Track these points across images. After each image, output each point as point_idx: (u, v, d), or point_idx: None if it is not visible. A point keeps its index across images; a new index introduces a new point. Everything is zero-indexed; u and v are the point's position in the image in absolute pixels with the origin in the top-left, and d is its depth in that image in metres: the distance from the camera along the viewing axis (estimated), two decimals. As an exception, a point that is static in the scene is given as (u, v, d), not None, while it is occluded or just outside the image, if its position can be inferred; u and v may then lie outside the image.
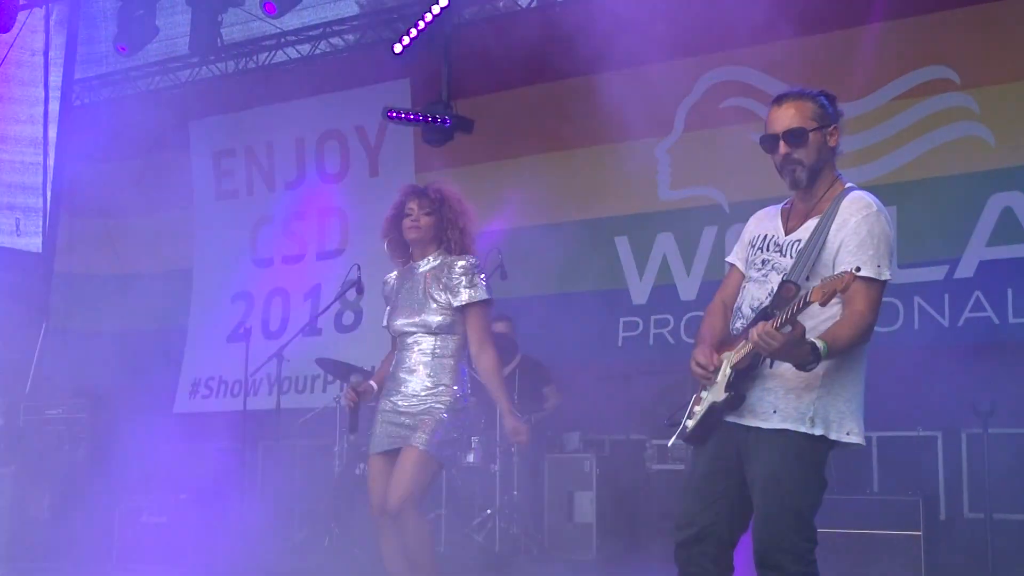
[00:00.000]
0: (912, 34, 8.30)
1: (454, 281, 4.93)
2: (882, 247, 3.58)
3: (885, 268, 3.57)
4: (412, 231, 5.01)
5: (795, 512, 3.55)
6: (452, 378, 4.90)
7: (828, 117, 3.70)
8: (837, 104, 3.76)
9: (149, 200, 11.71)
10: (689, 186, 9.07)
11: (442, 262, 5.00)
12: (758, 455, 3.59)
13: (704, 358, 3.70)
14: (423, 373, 4.89)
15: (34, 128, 12.17)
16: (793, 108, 3.70)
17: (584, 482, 7.77)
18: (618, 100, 9.22)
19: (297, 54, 11.21)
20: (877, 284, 3.55)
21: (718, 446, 3.71)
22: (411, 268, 5.07)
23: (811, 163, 3.68)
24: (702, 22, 8.68)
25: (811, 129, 3.67)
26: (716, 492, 3.69)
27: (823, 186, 3.71)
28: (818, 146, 3.68)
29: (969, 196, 7.95)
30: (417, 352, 4.93)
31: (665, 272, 9.05)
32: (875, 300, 3.54)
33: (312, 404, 9.35)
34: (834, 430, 3.56)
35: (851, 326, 3.50)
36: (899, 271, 7.84)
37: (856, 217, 3.60)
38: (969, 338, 7.74)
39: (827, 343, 3.43)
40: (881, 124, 8.32)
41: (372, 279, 9.01)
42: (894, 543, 6.56)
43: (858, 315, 3.49)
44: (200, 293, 11.62)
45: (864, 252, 3.55)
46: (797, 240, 3.68)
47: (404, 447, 4.81)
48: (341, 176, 10.93)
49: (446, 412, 4.84)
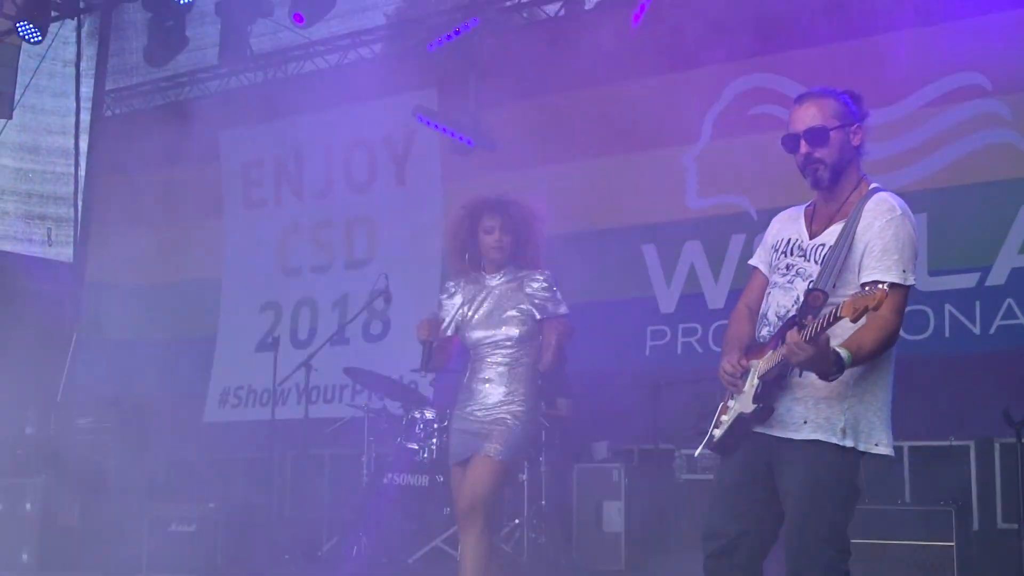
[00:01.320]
0: (943, 40, 8.21)
1: (536, 296, 5.01)
2: (907, 251, 3.54)
3: (910, 273, 3.54)
4: (495, 252, 5.06)
5: (828, 523, 3.51)
6: (527, 389, 5.00)
7: (851, 116, 3.65)
8: (862, 103, 3.70)
9: (179, 210, 11.77)
10: (717, 194, 9.02)
11: (515, 276, 5.07)
12: (790, 467, 3.55)
13: (731, 365, 3.67)
14: (499, 384, 4.98)
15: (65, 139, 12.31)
16: (815, 107, 3.66)
17: (613, 492, 7.73)
18: (645, 108, 9.21)
19: (325, 64, 11.25)
20: (902, 289, 3.50)
21: (747, 456, 3.67)
22: (481, 279, 5.12)
23: (833, 162, 3.63)
24: (729, 29, 8.64)
25: (832, 128, 3.62)
26: (746, 503, 3.65)
27: (847, 187, 3.66)
28: (840, 145, 3.63)
29: (1001, 203, 7.86)
30: (493, 364, 5.02)
31: (693, 280, 9.00)
32: (900, 305, 3.48)
33: (340, 413, 9.35)
34: (863, 441, 3.52)
35: (876, 332, 3.44)
36: (930, 279, 7.89)
37: (880, 221, 3.55)
38: (1001, 346, 7.65)
39: (851, 351, 3.39)
40: (912, 130, 8.24)
41: (399, 288, 9.06)
42: (927, 554, 6.49)
43: (883, 320, 3.43)
44: (229, 302, 11.65)
45: (888, 257, 3.51)
46: (822, 244, 3.63)
47: (475, 455, 4.90)
48: (369, 185, 10.95)
49: (518, 422, 4.92)
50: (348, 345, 10.29)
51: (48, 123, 12.48)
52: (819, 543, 3.50)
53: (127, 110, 12.41)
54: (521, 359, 5.01)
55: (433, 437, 7.47)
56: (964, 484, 7.55)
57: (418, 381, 9.07)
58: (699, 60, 9.02)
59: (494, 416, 4.93)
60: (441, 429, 7.46)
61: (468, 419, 5.01)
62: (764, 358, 3.59)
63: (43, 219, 12.77)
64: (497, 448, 4.86)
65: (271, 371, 8.76)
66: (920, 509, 6.73)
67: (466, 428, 5.00)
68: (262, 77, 11.60)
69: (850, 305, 3.26)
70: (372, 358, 9.65)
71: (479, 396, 5.00)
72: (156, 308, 11.71)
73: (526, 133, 9.47)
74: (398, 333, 10.33)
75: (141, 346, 11.52)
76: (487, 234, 5.05)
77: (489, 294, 5.08)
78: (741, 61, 8.94)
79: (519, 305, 5.01)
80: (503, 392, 4.95)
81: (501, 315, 5.03)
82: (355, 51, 11.08)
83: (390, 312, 10.03)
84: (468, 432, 4.98)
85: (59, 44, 11.74)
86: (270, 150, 11.46)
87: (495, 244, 5.04)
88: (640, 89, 9.25)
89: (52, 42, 11.09)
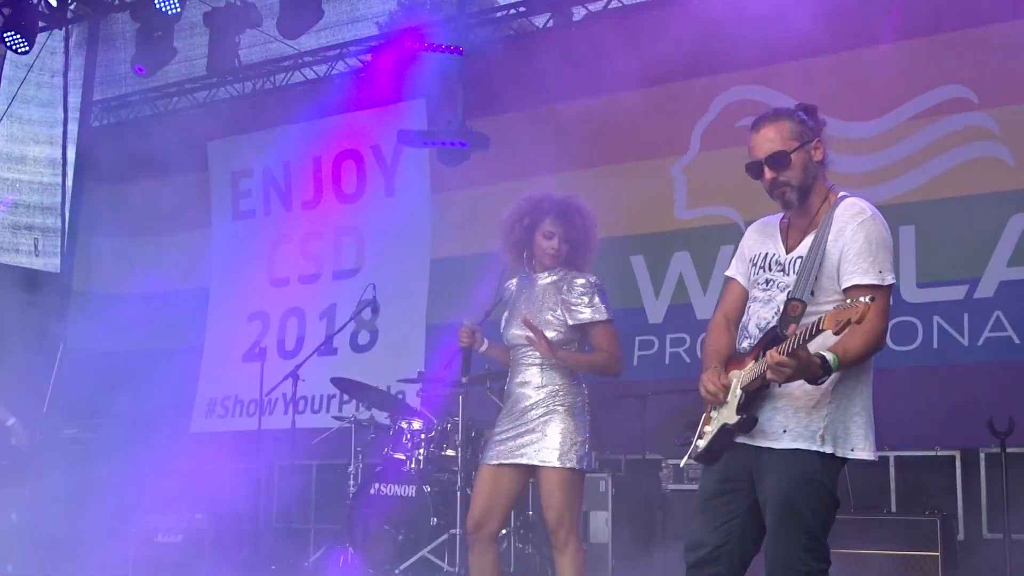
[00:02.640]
0: (930, 53, 8.27)
1: (574, 299, 4.96)
2: (881, 252, 3.54)
3: (887, 273, 3.54)
4: (549, 258, 5.03)
5: (807, 533, 3.52)
6: (564, 381, 4.94)
7: (808, 132, 3.66)
8: (817, 115, 3.71)
9: (167, 220, 11.76)
10: (705, 205, 9.05)
11: (562, 277, 5.03)
12: (769, 475, 3.56)
13: (713, 384, 3.67)
14: (535, 383, 4.94)
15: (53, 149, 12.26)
16: (772, 130, 3.67)
17: (599, 502, 7.73)
18: (634, 120, 9.24)
19: (314, 75, 11.27)
20: (882, 290, 3.51)
21: (728, 466, 3.68)
22: (531, 278, 5.10)
23: (799, 183, 3.65)
24: (718, 42, 8.68)
25: (792, 150, 3.63)
26: (727, 513, 3.67)
27: (817, 200, 3.68)
28: (803, 164, 3.64)
29: (989, 216, 7.90)
30: (529, 363, 4.98)
31: (681, 291, 9.02)
32: (883, 307, 3.49)
33: (327, 424, 9.33)
34: (841, 447, 3.53)
35: (862, 336, 3.45)
36: (918, 290, 7.93)
37: (852, 225, 3.56)
38: (988, 357, 7.68)
39: (837, 355, 3.41)
40: (899, 143, 8.28)
41: (387, 298, 9.06)
42: (912, 564, 6.51)
43: (868, 324, 3.42)
44: (216, 312, 11.64)
45: (864, 260, 3.52)
46: (799, 257, 3.65)
47: (541, 470, 4.83)
48: (357, 196, 10.95)
49: (563, 417, 4.86)
50: (336, 355, 10.28)
51: (35, 133, 12.44)
52: (798, 551, 3.51)
53: (115, 120, 12.41)
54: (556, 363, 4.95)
55: (420, 447, 7.46)
56: (949, 494, 7.59)
57: (405, 391, 9.08)
58: (687, 72, 9.07)
59: (536, 414, 4.88)
60: (428, 440, 7.46)
61: (506, 423, 4.97)
62: (746, 368, 3.60)
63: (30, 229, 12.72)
64: (555, 454, 4.80)
65: (258, 381, 8.75)
66: (905, 518, 6.76)
67: (507, 431, 4.95)
68: (250, 88, 11.62)
69: (833, 318, 3.27)
70: (360, 368, 9.63)
71: (517, 398, 4.97)
72: (143, 318, 11.68)
73: (514, 144, 9.48)
74: (385, 343, 10.34)
75: (127, 356, 11.49)
76: (546, 239, 5.02)
77: (533, 294, 5.07)
78: (729, 73, 8.98)
79: (555, 309, 4.98)
80: (541, 389, 4.91)
81: (540, 316, 4.98)
82: (343, 61, 11.10)
83: (378, 322, 10.04)
84: (509, 435, 4.93)
85: (46, 54, 11.72)
86: (258, 160, 11.46)
87: (552, 252, 5.03)
88: (628, 101, 9.27)
89: (39, 52, 11.07)
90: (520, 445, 4.89)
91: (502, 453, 4.94)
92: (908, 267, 8.00)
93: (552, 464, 4.82)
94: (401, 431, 7.59)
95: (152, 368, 11.38)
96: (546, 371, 4.95)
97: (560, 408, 4.90)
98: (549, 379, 4.94)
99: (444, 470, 7.34)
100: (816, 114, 3.72)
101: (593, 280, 5.02)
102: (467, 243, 9.81)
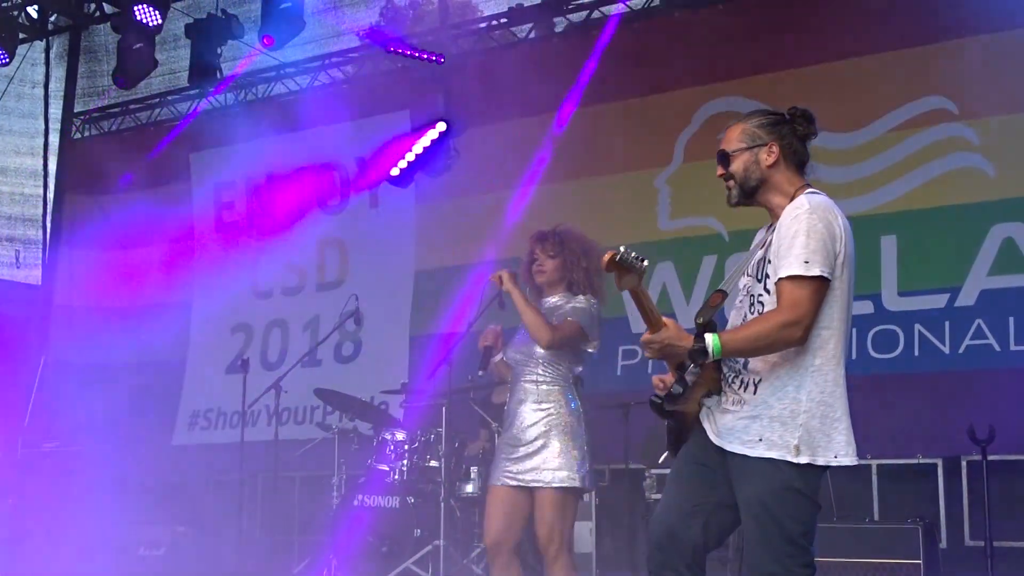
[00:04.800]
0: (910, 65, 8.33)
1: (561, 313, 5.12)
2: (812, 242, 3.47)
3: (815, 264, 3.45)
4: (539, 275, 5.26)
5: (788, 540, 3.52)
6: (559, 400, 5.06)
7: (762, 136, 3.72)
8: (781, 125, 3.74)
9: (149, 232, 11.73)
10: (688, 216, 9.08)
11: (565, 300, 5.19)
12: (747, 483, 3.57)
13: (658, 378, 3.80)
14: (531, 402, 5.06)
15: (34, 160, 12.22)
16: (730, 131, 3.80)
17: (583, 512, 7.70)
18: (617, 131, 9.26)
19: (296, 86, 11.27)
20: (804, 281, 3.46)
21: (704, 456, 3.70)
22: (541, 302, 5.26)
23: (740, 181, 3.74)
24: (700, 54, 8.72)
25: (734, 150, 3.73)
26: (695, 503, 3.69)
27: (779, 200, 3.69)
28: (746, 165, 3.72)
29: (969, 226, 7.96)
30: (524, 381, 5.13)
31: (664, 301, 9.03)
32: (798, 299, 3.45)
33: (311, 435, 9.32)
34: (820, 455, 3.53)
35: (758, 323, 3.51)
36: (900, 298, 7.96)
37: (787, 219, 3.57)
38: (970, 365, 7.73)
39: (721, 339, 3.47)
40: (880, 154, 8.34)
41: (370, 309, 9.05)
42: (894, 572, 6.51)
43: (771, 312, 3.48)
44: (199, 325, 11.61)
45: (790, 252, 3.49)
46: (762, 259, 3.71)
47: (537, 490, 4.95)
48: (341, 207, 10.95)
49: (558, 437, 4.98)
50: (319, 366, 10.26)
51: (16, 144, 12.41)
52: (782, 558, 3.51)
53: (97, 132, 12.38)
54: (547, 376, 5.08)
55: (403, 458, 7.44)
56: (932, 501, 7.62)
57: (388, 402, 9.06)
58: (670, 84, 9.10)
59: (532, 436, 5.00)
60: (411, 451, 7.45)
61: (507, 443, 5.10)
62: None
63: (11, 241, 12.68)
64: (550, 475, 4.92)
65: (241, 393, 8.73)
66: (888, 526, 6.77)
67: (509, 453, 5.07)
68: (232, 99, 11.61)
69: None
70: (343, 379, 9.63)
71: (515, 417, 5.09)
72: (125, 331, 11.63)
73: (498, 155, 9.51)
74: (369, 354, 10.33)
75: (109, 370, 11.44)
76: (533, 261, 5.27)
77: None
78: (712, 85, 9.02)
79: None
80: (536, 411, 5.04)
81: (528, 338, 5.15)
82: (326, 73, 11.10)
83: (361, 333, 10.03)
84: (511, 458, 5.04)
85: (27, 66, 11.68)
86: (241, 172, 11.45)
87: (537, 269, 5.25)
88: (612, 112, 9.31)
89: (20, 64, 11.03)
90: (520, 467, 5.01)
91: (505, 474, 5.07)
92: (890, 276, 8.05)
93: (546, 485, 4.93)
94: (384, 442, 7.57)
95: (134, 381, 11.36)
96: (541, 390, 5.07)
97: (555, 428, 5.00)
98: (544, 398, 5.06)
99: (427, 481, 7.32)
100: (780, 124, 3.74)
101: (591, 303, 5.17)
102: (451, 254, 9.82)
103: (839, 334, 3.56)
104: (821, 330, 3.52)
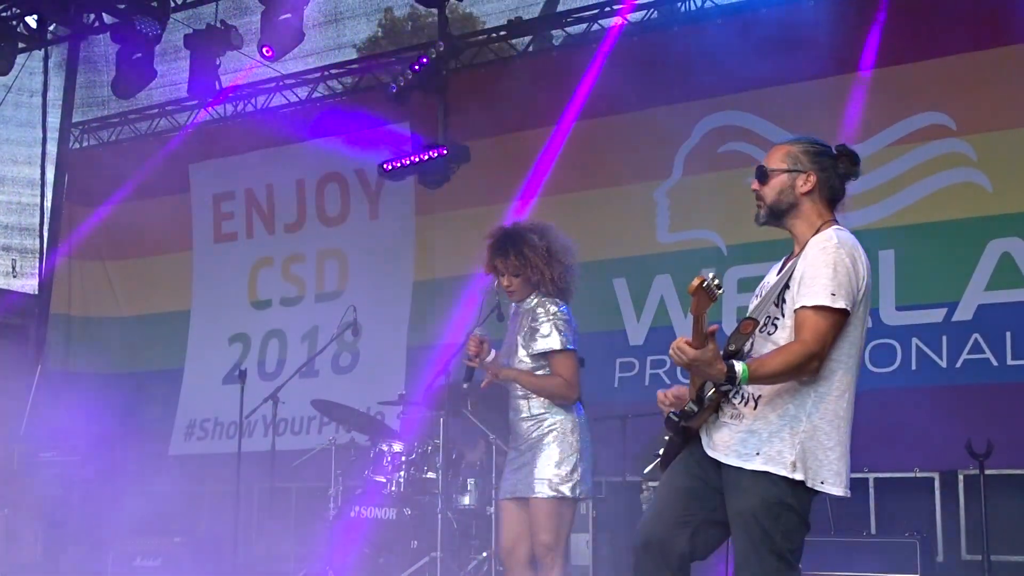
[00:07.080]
0: (908, 80, 8.36)
1: (537, 326, 5.03)
2: (839, 276, 3.52)
3: (841, 297, 3.50)
4: (509, 295, 5.14)
5: (776, 554, 3.53)
6: (550, 408, 5.01)
7: (801, 163, 3.73)
8: (823, 156, 3.74)
9: (147, 242, 11.73)
10: (687, 229, 9.10)
11: (538, 303, 5.09)
12: (739, 494, 3.58)
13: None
14: (525, 413, 5.04)
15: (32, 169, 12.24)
16: (776, 149, 3.80)
17: (580, 524, 7.69)
18: (617, 144, 9.28)
19: (296, 97, 11.28)
20: (827, 312, 3.50)
21: (698, 470, 3.71)
22: (517, 307, 5.20)
23: (771, 202, 3.74)
24: (700, 67, 8.74)
25: (773, 169, 3.73)
26: (685, 513, 3.70)
27: (805, 229, 3.71)
28: (780, 188, 3.72)
29: (967, 241, 7.98)
30: (515, 397, 5.10)
31: (663, 314, 9.05)
32: (823, 330, 3.49)
33: (308, 446, 9.30)
34: (812, 478, 3.54)
35: (784, 354, 3.50)
36: (897, 313, 7.97)
37: (814, 250, 3.60)
38: (967, 379, 7.74)
39: (749, 369, 3.44)
40: (878, 169, 8.34)
41: (369, 321, 9.05)
42: (892, 585, 6.53)
43: (797, 344, 3.48)
44: (197, 335, 11.59)
45: (816, 282, 3.53)
46: (770, 282, 3.73)
47: (531, 500, 4.94)
48: (341, 219, 10.95)
49: (550, 447, 4.94)
50: (317, 377, 10.25)
51: (14, 153, 12.43)
52: (769, 573, 3.53)
53: (96, 142, 12.38)
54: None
55: (400, 470, 7.43)
56: (929, 515, 7.62)
57: (385, 413, 9.05)
58: (670, 97, 9.12)
59: (527, 445, 5.00)
60: (408, 462, 7.44)
61: (509, 457, 5.13)
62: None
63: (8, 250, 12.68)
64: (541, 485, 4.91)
65: (238, 403, 8.71)
66: (885, 540, 6.78)
67: (513, 465, 5.08)
68: (232, 110, 11.62)
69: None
70: (341, 390, 9.62)
71: (513, 427, 5.10)
72: (122, 341, 11.63)
73: (496, 168, 9.52)
74: (367, 365, 10.32)
75: (106, 379, 11.43)
76: (499, 276, 5.13)
77: (515, 321, 5.18)
78: (711, 99, 9.05)
79: (523, 334, 5.07)
80: (528, 420, 5.02)
81: (514, 346, 5.12)
82: (325, 84, 11.11)
83: (359, 344, 10.01)
84: (513, 469, 5.06)
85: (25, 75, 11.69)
86: (241, 183, 11.45)
87: (507, 289, 5.13)
88: (611, 125, 9.33)
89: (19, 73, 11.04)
90: (516, 479, 5.02)
91: (508, 488, 5.09)
92: (887, 290, 8.06)
93: (539, 495, 4.92)
94: (381, 453, 7.56)
95: (131, 391, 11.35)
96: (531, 400, 5.05)
97: (548, 438, 4.98)
98: (536, 408, 5.03)
99: (424, 493, 7.31)
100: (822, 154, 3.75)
101: (554, 311, 5.04)
102: (449, 265, 9.83)
103: (845, 368, 3.59)
104: (829, 361, 3.55)
